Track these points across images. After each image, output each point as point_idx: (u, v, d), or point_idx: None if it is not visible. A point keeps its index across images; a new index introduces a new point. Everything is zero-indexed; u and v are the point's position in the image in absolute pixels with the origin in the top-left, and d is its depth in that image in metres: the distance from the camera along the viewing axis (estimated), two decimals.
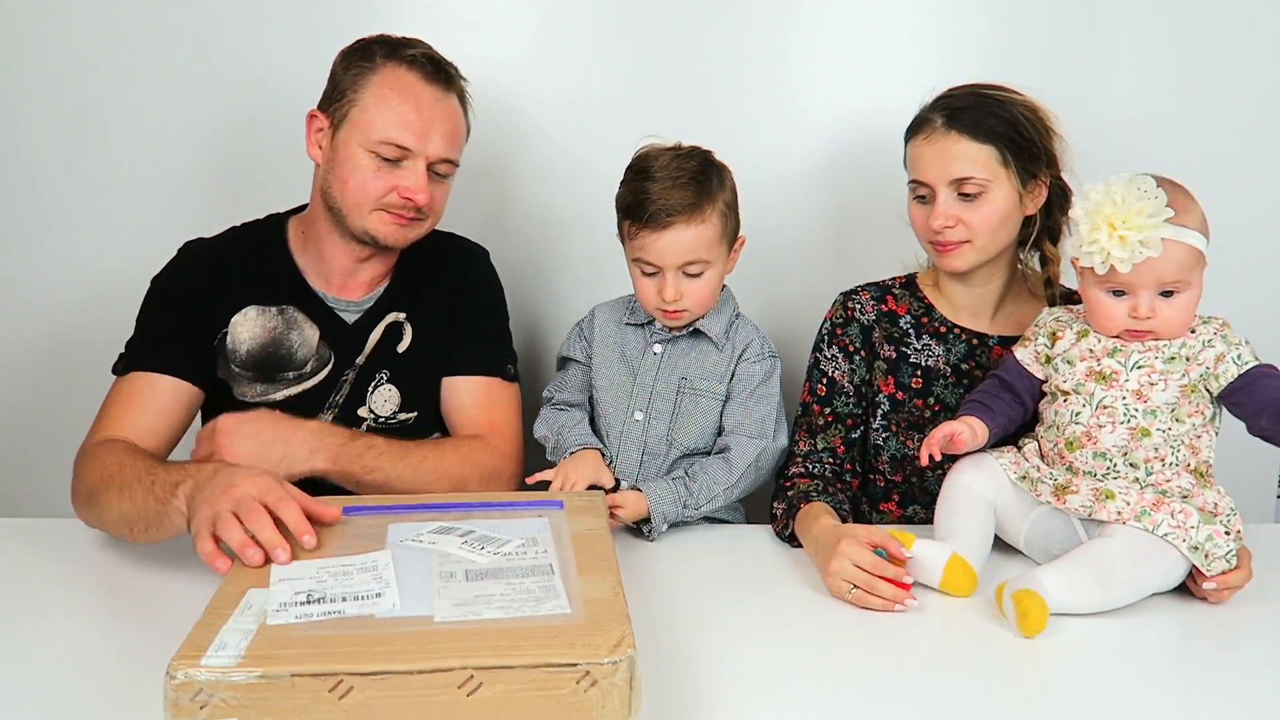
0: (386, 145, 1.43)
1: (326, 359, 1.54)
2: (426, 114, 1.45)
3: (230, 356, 1.52)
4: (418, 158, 1.45)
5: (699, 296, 1.50)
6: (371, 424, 1.56)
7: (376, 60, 1.46)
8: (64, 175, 1.90)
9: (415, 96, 1.45)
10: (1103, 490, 1.27)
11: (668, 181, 1.45)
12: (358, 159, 1.45)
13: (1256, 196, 1.90)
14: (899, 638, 1.19)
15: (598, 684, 0.87)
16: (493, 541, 1.10)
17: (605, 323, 1.61)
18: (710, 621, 1.22)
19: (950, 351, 1.55)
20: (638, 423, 1.55)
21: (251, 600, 0.96)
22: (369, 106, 1.45)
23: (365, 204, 1.46)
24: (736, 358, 1.54)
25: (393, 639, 0.89)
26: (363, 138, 1.44)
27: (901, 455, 1.56)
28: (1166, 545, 1.22)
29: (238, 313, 1.52)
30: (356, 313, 1.56)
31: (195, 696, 0.84)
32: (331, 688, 0.84)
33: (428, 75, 1.46)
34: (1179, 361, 1.27)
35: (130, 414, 1.42)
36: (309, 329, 1.53)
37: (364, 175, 1.45)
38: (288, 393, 1.53)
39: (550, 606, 0.95)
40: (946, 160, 1.44)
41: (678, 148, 1.50)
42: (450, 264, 1.62)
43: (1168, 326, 1.28)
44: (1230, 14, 1.85)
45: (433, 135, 1.45)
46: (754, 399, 1.52)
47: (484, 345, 1.60)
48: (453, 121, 1.48)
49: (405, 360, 1.57)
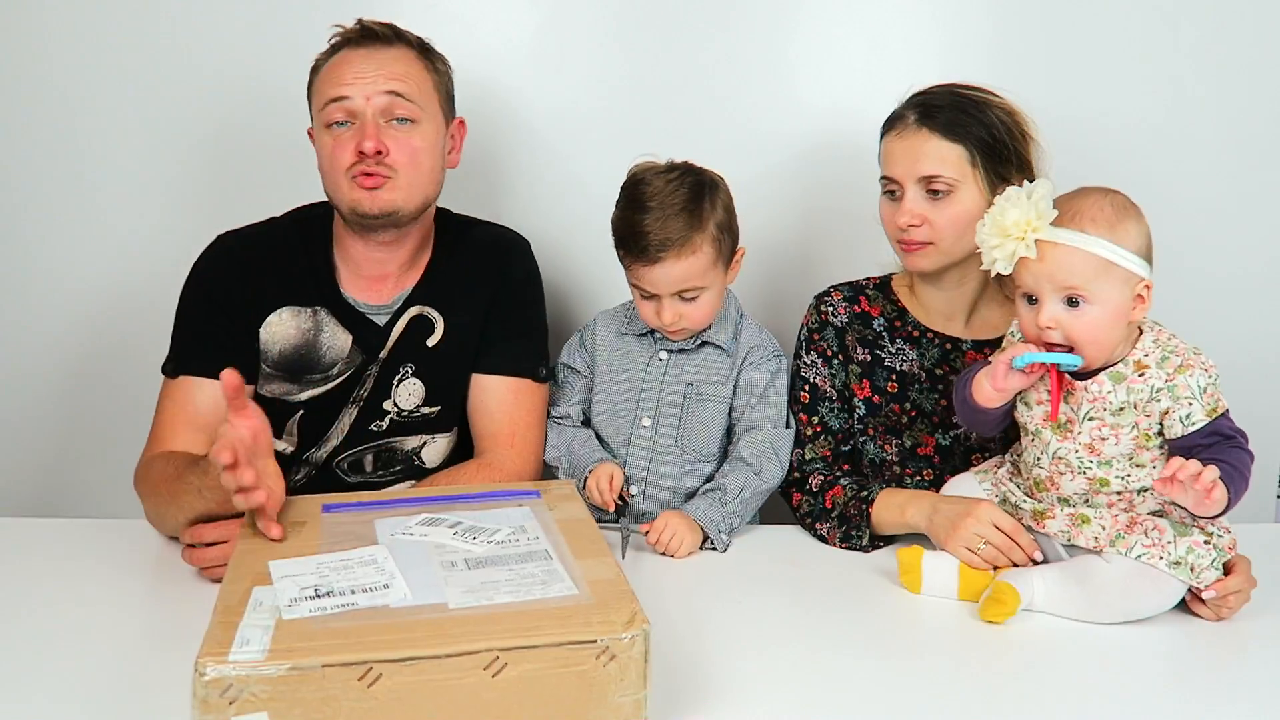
0: (330, 107, 1.45)
1: (356, 361, 1.54)
2: (357, 66, 1.46)
3: (262, 356, 1.52)
4: (360, 109, 1.45)
5: (697, 317, 1.51)
6: (394, 417, 1.56)
7: (330, 54, 1.50)
8: (62, 177, 1.89)
9: (345, 60, 1.47)
10: (1078, 515, 1.27)
11: (659, 213, 1.45)
12: (323, 140, 1.48)
13: (1252, 201, 1.91)
14: (902, 639, 1.22)
15: (616, 658, 0.91)
16: (483, 531, 1.12)
17: (607, 332, 1.62)
18: (708, 609, 1.27)
19: (924, 356, 1.56)
20: (645, 429, 1.56)
21: (260, 598, 0.96)
22: (317, 91, 1.50)
23: (339, 178, 1.47)
24: (741, 360, 1.55)
25: (414, 626, 0.91)
26: (319, 119, 1.49)
27: (881, 460, 1.56)
28: (1158, 574, 1.21)
29: (272, 313, 1.52)
30: (387, 314, 1.56)
31: (225, 692, 0.84)
32: (360, 676, 0.87)
33: (356, 39, 1.49)
34: (1129, 412, 1.23)
35: (183, 422, 1.47)
36: (340, 333, 1.53)
37: (328, 149, 1.47)
38: (312, 393, 1.54)
39: (558, 589, 0.99)
40: (916, 157, 1.45)
41: (669, 168, 1.51)
42: (488, 256, 1.61)
43: (1078, 339, 1.22)
44: (1231, 15, 1.85)
45: (366, 77, 1.45)
46: (763, 401, 1.54)
47: (517, 345, 1.60)
48: (392, 66, 1.47)
49: (435, 354, 1.56)
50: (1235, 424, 1.22)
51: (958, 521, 1.32)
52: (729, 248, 1.52)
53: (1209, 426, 1.21)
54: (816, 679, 1.11)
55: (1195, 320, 1.35)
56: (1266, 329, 1.94)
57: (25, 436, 1.98)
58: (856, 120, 1.75)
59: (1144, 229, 1.23)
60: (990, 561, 1.30)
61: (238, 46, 1.84)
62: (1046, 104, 1.52)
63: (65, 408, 1.97)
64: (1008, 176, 1.45)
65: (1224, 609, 1.24)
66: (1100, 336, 1.22)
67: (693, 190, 1.48)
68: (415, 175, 1.49)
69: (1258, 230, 1.92)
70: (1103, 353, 1.23)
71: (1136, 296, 1.22)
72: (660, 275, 1.47)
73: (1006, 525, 1.31)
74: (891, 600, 1.31)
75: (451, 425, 1.60)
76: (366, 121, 1.45)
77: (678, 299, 1.49)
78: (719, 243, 1.48)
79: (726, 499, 1.47)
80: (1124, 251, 1.20)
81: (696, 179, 1.50)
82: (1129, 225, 1.22)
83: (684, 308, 1.50)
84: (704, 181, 1.50)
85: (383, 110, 1.46)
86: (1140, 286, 1.22)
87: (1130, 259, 1.21)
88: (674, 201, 1.46)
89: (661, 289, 1.48)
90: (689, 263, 1.46)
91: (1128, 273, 1.21)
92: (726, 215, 1.51)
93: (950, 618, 1.26)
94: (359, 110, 1.45)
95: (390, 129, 1.46)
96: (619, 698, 0.92)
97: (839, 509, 1.47)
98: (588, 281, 1.92)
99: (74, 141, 1.88)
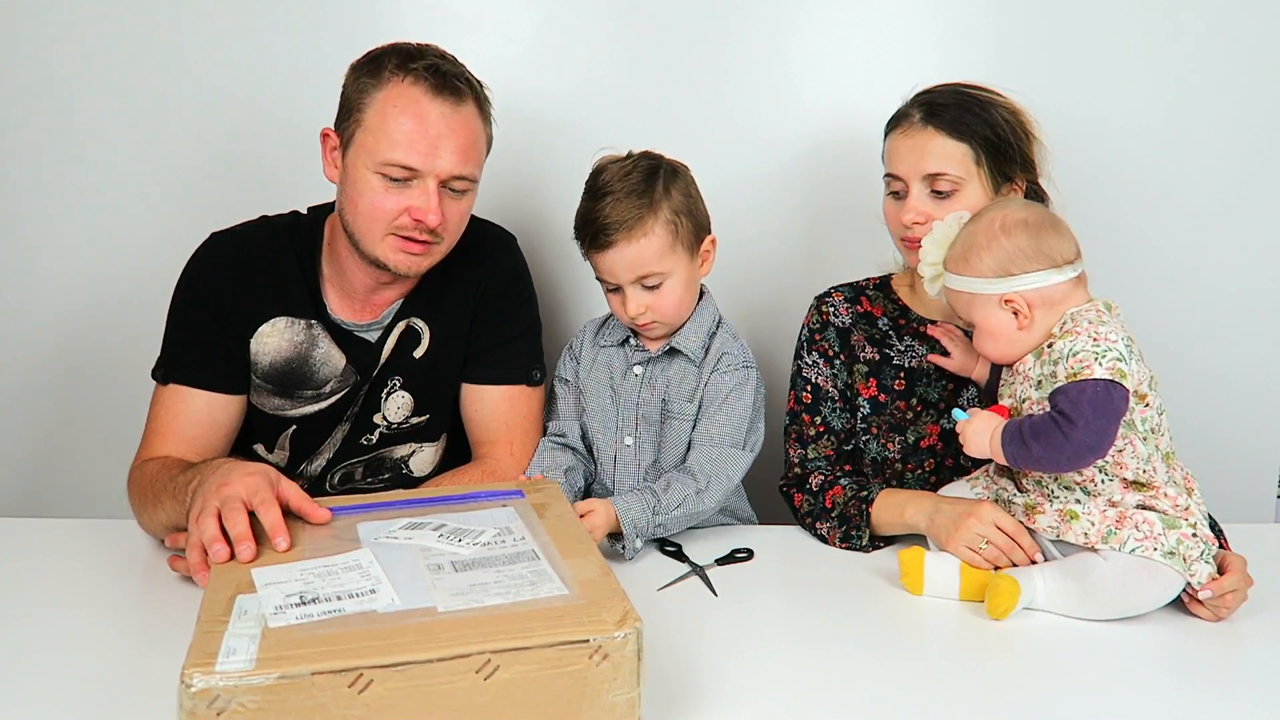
0: (392, 167, 1.36)
1: (350, 380, 1.51)
2: (433, 130, 1.36)
3: (252, 366, 1.49)
4: (427, 177, 1.38)
5: (664, 307, 1.48)
6: (384, 430, 1.55)
7: (383, 75, 1.38)
8: (55, 178, 1.88)
9: (420, 113, 1.36)
10: (1067, 511, 1.27)
11: (611, 198, 1.44)
12: (366, 180, 1.38)
13: (1248, 203, 1.92)
14: (902, 640, 1.21)
15: (609, 658, 0.91)
16: (467, 533, 1.11)
17: (589, 344, 1.60)
18: (706, 609, 1.27)
19: (932, 349, 1.55)
20: (629, 447, 1.54)
21: (245, 606, 0.95)
22: (374, 127, 1.37)
23: (376, 228, 1.40)
24: (710, 371, 1.51)
25: (403, 631, 0.90)
26: (369, 159, 1.37)
27: (883, 458, 1.56)
28: (1154, 567, 1.21)
29: (266, 322, 1.48)
30: (378, 330, 1.53)
31: (213, 703, 0.83)
32: (351, 683, 0.85)
33: (433, 89, 1.37)
34: (1046, 384, 1.26)
35: (173, 431, 1.45)
36: (335, 352, 1.50)
37: (373, 197, 1.38)
38: (304, 410, 1.51)
39: (547, 589, 0.98)
40: (921, 155, 1.46)
41: (627, 157, 1.50)
42: (471, 256, 1.55)
43: (983, 350, 1.35)
44: (1231, 15, 1.85)
45: (441, 152, 1.37)
46: (722, 410, 1.48)
47: (507, 351, 1.57)
48: (465, 135, 1.39)
49: (421, 365, 1.54)
50: (1083, 399, 1.19)
51: (960, 521, 1.33)
52: (689, 233, 1.48)
53: (1059, 388, 1.23)
54: (815, 679, 1.11)
55: (1194, 319, 1.35)
56: (1266, 328, 1.94)
57: (17, 436, 1.97)
58: (857, 120, 1.77)
59: (999, 250, 1.29)
60: (992, 562, 1.31)
61: (236, 47, 1.83)
62: (1046, 104, 1.52)
63: (57, 407, 1.96)
64: (1011, 175, 1.48)
65: (1222, 609, 1.24)
66: (988, 349, 1.34)
67: (646, 174, 1.46)
68: (455, 236, 1.47)
69: (1257, 229, 1.92)
70: (1006, 358, 1.33)
71: (1006, 305, 1.29)
72: (615, 259, 1.46)
73: (1008, 525, 1.31)
74: (892, 601, 1.30)
75: (439, 433, 1.60)
76: (429, 190, 1.38)
77: (641, 288, 1.47)
78: (674, 226, 1.46)
79: (660, 508, 1.41)
80: (975, 281, 1.31)
81: (652, 164, 1.48)
82: (977, 256, 1.31)
83: (648, 298, 1.48)
84: (660, 166, 1.49)
85: (446, 181, 1.40)
86: (1003, 302, 1.30)
87: (985, 285, 1.30)
88: (625, 186, 1.45)
89: (620, 276, 1.47)
90: (641, 245, 1.44)
91: (987, 296, 1.31)
92: (685, 200, 1.48)
93: (950, 618, 1.26)
94: (423, 176, 1.38)
95: (446, 195, 1.41)
96: (612, 697, 0.91)
97: (839, 509, 1.47)
98: (586, 282, 1.88)
99: (68, 143, 1.86)
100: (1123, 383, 1.20)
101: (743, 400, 1.50)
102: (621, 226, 1.44)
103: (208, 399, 1.46)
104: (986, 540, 1.30)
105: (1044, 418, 1.23)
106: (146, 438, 1.46)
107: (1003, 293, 1.29)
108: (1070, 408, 1.20)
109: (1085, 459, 1.21)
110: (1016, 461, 1.26)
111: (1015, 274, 1.28)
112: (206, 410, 1.47)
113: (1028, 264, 1.28)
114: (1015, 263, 1.28)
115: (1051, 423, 1.21)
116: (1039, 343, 1.29)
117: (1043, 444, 1.22)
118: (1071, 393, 1.21)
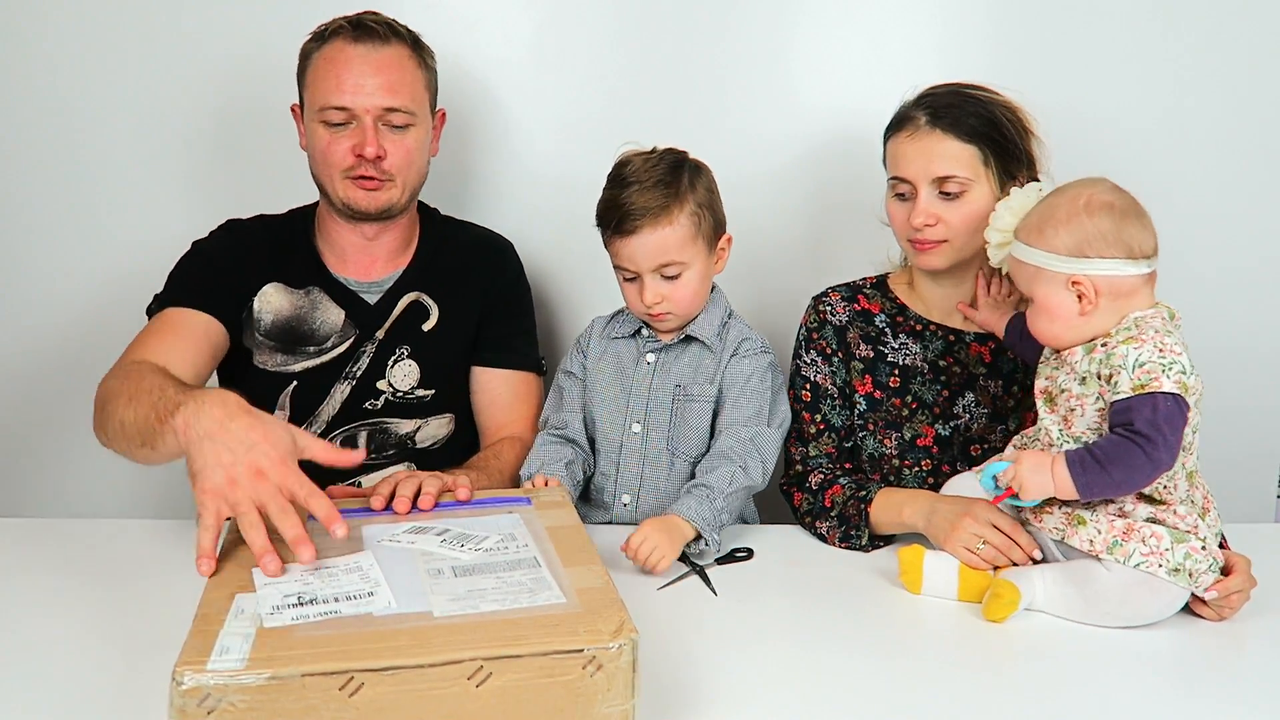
0: (328, 110, 1.51)
1: (349, 335, 1.60)
2: (357, 70, 1.50)
3: (255, 325, 1.58)
4: (359, 115, 1.50)
5: (680, 298, 1.50)
6: (389, 397, 1.61)
7: (321, 40, 1.54)
8: (56, 177, 1.89)
9: (346, 59, 1.51)
10: (1074, 515, 1.25)
11: (636, 186, 1.46)
12: (316, 132, 1.53)
13: (1247, 201, 1.91)
14: (901, 640, 1.21)
15: (603, 668, 0.89)
16: (471, 539, 1.11)
17: (599, 336, 1.61)
18: (705, 610, 1.26)
19: (928, 349, 1.57)
20: (636, 434, 1.54)
21: (242, 605, 0.95)
22: (312, 83, 1.54)
23: (333, 173, 1.53)
24: (728, 355, 1.53)
25: (397, 635, 0.90)
26: (311, 112, 1.53)
27: (880, 454, 1.56)
28: (1158, 583, 1.19)
29: (269, 283, 1.60)
30: (378, 292, 1.63)
31: (203, 701, 0.83)
32: (342, 685, 0.85)
33: (354, 36, 1.51)
34: (1091, 382, 1.24)
35: (161, 342, 1.47)
36: (333, 310, 1.61)
37: (321, 145, 1.53)
38: (305, 365, 1.59)
39: (545, 597, 0.98)
40: (930, 158, 1.45)
41: (652, 152, 1.51)
42: (477, 256, 1.69)
43: (1036, 328, 1.30)
44: (1231, 14, 1.85)
45: (366, 88, 1.50)
46: (744, 394, 1.50)
47: (520, 341, 1.71)
48: (391, 71, 1.51)
49: (431, 338, 1.63)
50: (1158, 416, 1.16)
51: (956, 521, 1.32)
52: (710, 227, 1.50)
53: (1123, 402, 1.18)
54: (815, 679, 1.10)
55: (1194, 319, 1.35)
56: (1266, 327, 1.93)
57: (12, 435, 1.98)
58: (857, 120, 1.75)
59: (1077, 228, 1.24)
60: (990, 561, 1.29)
61: (236, 47, 1.84)
62: (1046, 103, 1.51)
63: (56, 407, 1.96)
64: (1016, 173, 1.47)
65: (1225, 609, 1.23)
66: (1041, 329, 1.28)
67: (671, 166, 1.49)
68: (409, 174, 1.57)
69: (1257, 228, 1.91)
70: (1056, 342, 1.28)
71: (1073, 286, 1.24)
72: (637, 246, 1.46)
73: (1005, 525, 1.30)
74: (891, 600, 1.30)
75: (445, 410, 1.65)
76: (365, 126, 1.51)
77: (659, 278, 1.48)
78: (698, 218, 1.48)
79: (714, 495, 1.40)
80: (1047, 256, 1.25)
81: (677, 158, 1.51)
82: (1053, 230, 1.25)
83: (666, 288, 1.48)
84: (684, 161, 1.51)
85: (380, 116, 1.52)
86: (1071, 283, 1.24)
87: (1056, 261, 1.24)
88: (652, 176, 1.47)
89: (641, 264, 1.47)
90: (665, 233, 1.46)
91: (1054, 273, 1.25)
92: (708, 195, 1.50)
93: (950, 618, 1.25)
94: (357, 115, 1.51)
95: (387, 132, 1.53)
96: (606, 708, 0.90)
97: (838, 508, 1.47)
98: (585, 282, 1.92)
99: (70, 142, 1.88)
100: (1187, 397, 1.18)
101: (765, 382, 1.52)
102: (648, 213, 1.45)
103: (202, 320, 1.52)
104: (984, 540, 1.29)
105: (1117, 439, 1.18)
106: (128, 349, 1.46)
107: (1072, 273, 1.23)
108: (1147, 426, 1.16)
109: (1158, 476, 1.19)
110: (1090, 490, 1.19)
111: (1090, 256, 1.23)
112: (199, 328, 1.52)
113: (1105, 248, 1.23)
114: (1092, 244, 1.23)
115: (1130, 443, 1.17)
116: (1095, 334, 1.24)
117: (1123, 467, 1.17)
118: (1145, 410, 1.17)
